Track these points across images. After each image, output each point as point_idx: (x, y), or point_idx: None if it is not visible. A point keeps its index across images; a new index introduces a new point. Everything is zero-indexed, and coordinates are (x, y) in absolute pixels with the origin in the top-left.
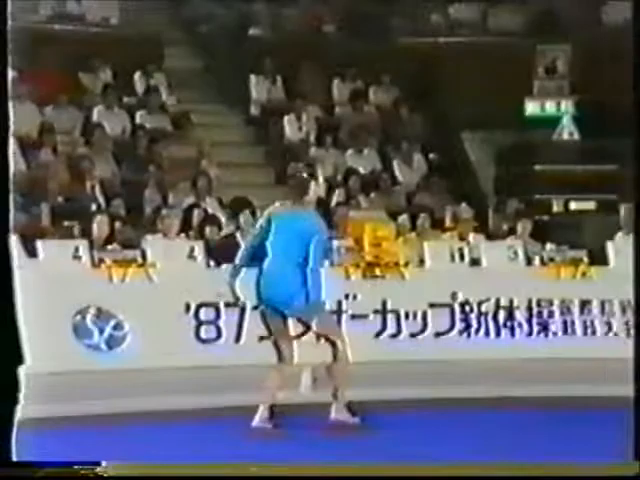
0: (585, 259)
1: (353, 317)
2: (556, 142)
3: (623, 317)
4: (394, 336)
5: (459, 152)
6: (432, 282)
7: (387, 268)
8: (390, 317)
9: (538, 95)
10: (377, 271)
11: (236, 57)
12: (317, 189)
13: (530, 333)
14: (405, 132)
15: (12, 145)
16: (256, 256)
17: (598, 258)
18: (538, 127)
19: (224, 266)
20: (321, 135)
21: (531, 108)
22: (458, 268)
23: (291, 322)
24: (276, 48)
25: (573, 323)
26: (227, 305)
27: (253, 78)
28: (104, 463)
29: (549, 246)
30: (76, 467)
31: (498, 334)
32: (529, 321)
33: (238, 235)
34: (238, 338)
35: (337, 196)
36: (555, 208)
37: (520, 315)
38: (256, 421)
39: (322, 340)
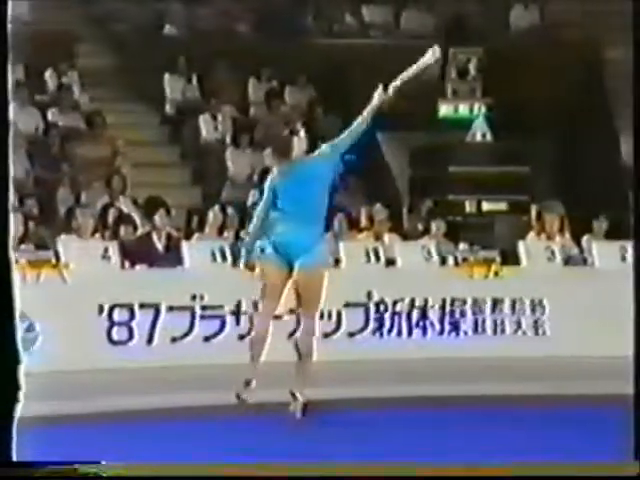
0: (497, 259)
1: None
2: (469, 144)
3: (533, 316)
4: None
5: (375, 152)
6: (347, 282)
7: None
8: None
9: (451, 97)
10: None
11: (151, 55)
12: (301, 144)
13: (442, 332)
14: (321, 132)
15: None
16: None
17: (510, 258)
18: (451, 129)
19: (138, 267)
20: (237, 135)
21: (444, 110)
22: (373, 268)
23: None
24: (191, 47)
25: (484, 322)
26: (141, 306)
27: (168, 77)
28: (103, 462)
29: (462, 246)
30: (76, 466)
31: (410, 333)
32: (441, 320)
33: (154, 235)
34: (150, 340)
35: (253, 196)
36: (468, 209)
37: (433, 314)
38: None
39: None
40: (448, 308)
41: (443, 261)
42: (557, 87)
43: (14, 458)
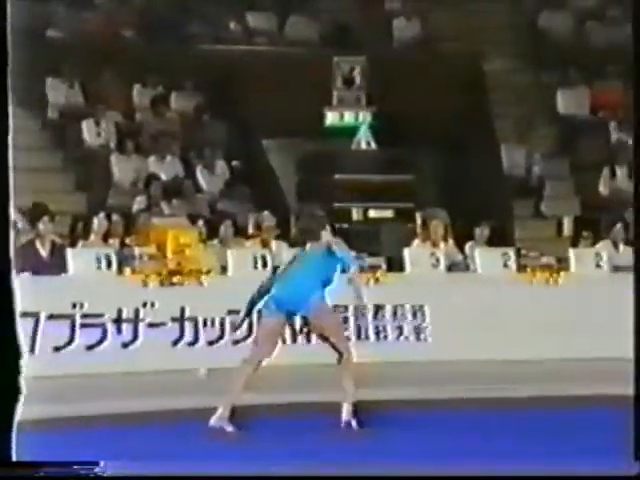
0: (383, 266)
1: (150, 325)
2: (355, 151)
3: (414, 321)
4: (191, 344)
5: (261, 159)
6: (234, 289)
7: (190, 276)
8: (188, 325)
9: (337, 105)
10: (176, 279)
11: (33, 59)
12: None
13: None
14: (207, 138)
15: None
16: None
17: (395, 265)
18: (337, 136)
19: (22, 275)
20: (122, 141)
21: (330, 118)
22: (261, 275)
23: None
24: (74, 51)
25: (367, 328)
26: (23, 315)
27: (50, 81)
28: (102, 463)
29: None
30: (75, 467)
31: (294, 340)
32: None
33: (37, 242)
34: (32, 349)
35: (139, 203)
36: (355, 216)
37: None
38: (214, 421)
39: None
40: None
41: None
42: (439, 97)
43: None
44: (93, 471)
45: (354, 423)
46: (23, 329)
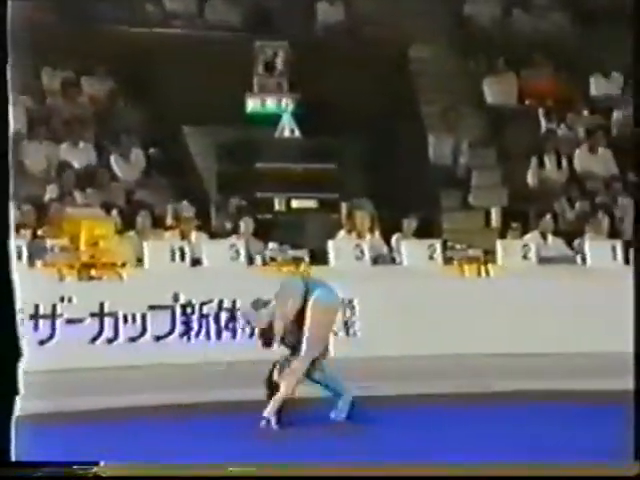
0: (306, 258)
1: (68, 321)
2: (277, 140)
3: (343, 316)
4: (111, 341)
5: (180, 147)
6: (152, 283)
7: (104, 269)
8: (107, 320)
9: (258, 91)
10: (93, 272)
11: None
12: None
13: (252, 334)
14: (123, 125)
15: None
16: None
17: (319, 257)
18: (259, 124)
19: None
20: (32, 126)
21: (252, 104)
22: (179, 268)
23: None
24: None
25: None
26: None
27: None
28: (102, 463)
29: (272, 245)
30: (75, 467)
31: (219, 336)
32: None
33: None
34: None
35: (51, 192)
36: (277, 206)
37: None
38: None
39: None
40: None
41: (251, 261)
42: (365, 84)
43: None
44: (92, 471)
45: (273, 422)
46: None
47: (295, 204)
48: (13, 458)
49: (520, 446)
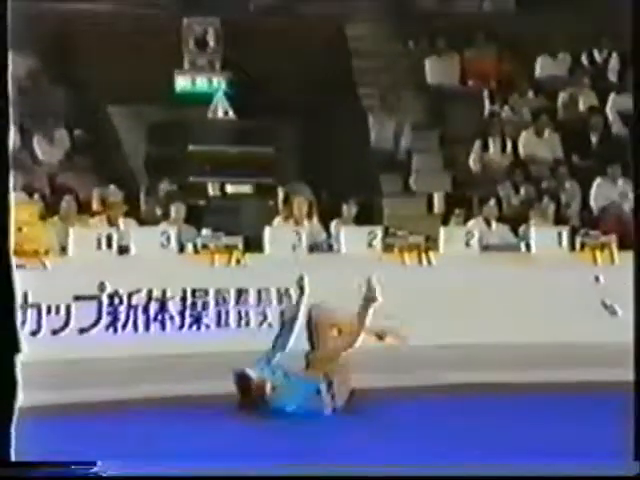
0: (240, 246)
1: None
2: (210, 121)
3: (280, 306)
4: (34, 333)
5: (107, 128)
6: (77, 272)
7: (27, 256)
8: (30, 312)
9: (189, 70)
10: (17, 260)
11: None
12: None
13: (182, 326)
14: (46, 105)
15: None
16: None
17: (255, 244)
18: (190, 104)
19: None
20: None
21: (181, 83)
22: (105, 256)
23: None
24: None
25: (228, 314)
26: None
27: None
28: (99, 463)
29: (204, 232)
30: (74, 467)
31: (147, 328)
32: (181, 313)
33: None
34: None
35: None
36: (211, 191)
37: (173, 307)
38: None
39: None
40: (189, 300)
41: (182, 248)
42: (301, 63)
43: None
44: (92, 471)
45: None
46: None
47: (229, 189)
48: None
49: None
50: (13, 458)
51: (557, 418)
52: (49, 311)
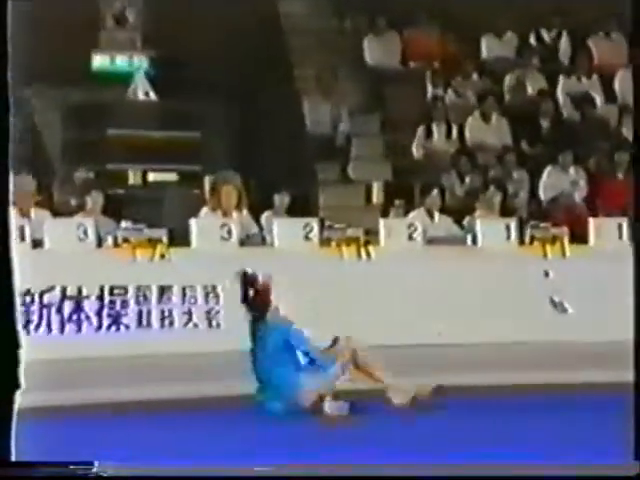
0: (164, 239)
1: None
2: (130, 103)
3: (206, 305)
4: None
5: (18, 110)
6: None
7: None
8: None
9: (106, 47)
10: None
11: None
12: None
13: (99, 327)
14: None
15: None
16: None
17: (180, 237)
18: (109, 84)
19: None
20: None
21: (99, 62)
22: (18, 250)
23: None
24: None
25: (150, 313)
26: None
27: None
28: (97, 463)
29: (124, 224)
30: (73, 467)
31: (62, 329)
32: (99, 313)
33: None
34: None
35: None
36: (132, 180)
37: (89, 306)
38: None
39: None
40: (107, 298)
41: (100, 242)
42: (230, 42)
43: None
44: (92, 471)
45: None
46: None
47: (152, 177)
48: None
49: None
50: (13, 458)
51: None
52: None
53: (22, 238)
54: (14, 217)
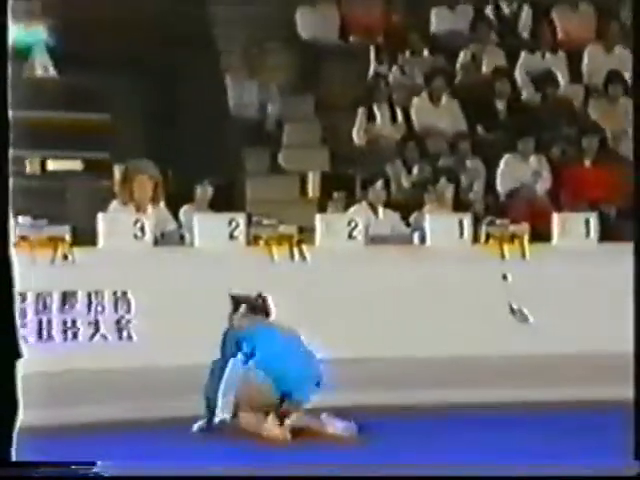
0: (67, 237)
1: None
2: (27, 80)
3: (115, 313)
4: None
5: None
6: None
7: None
8: None
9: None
10: None
11: None
12: None
13: None
14: None
15: None
16: None
17: (85, 235)
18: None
19: None
20: None
21: None
22: None
23: None
24: None
25: (50, 323)
26: None
27: None
28: (99, 463)
29: (21, 219)
30: (74, 467)
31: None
32: None
33: None
34: None
35: None
36: (28, 168)
37: None
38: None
39: None
40: None
41: None
42: (144, 11)
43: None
44: (93, 471)
45: None
46: None
47: (52, 165)
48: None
49: None
50: (14, 458)
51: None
52: None
53: None
54: None
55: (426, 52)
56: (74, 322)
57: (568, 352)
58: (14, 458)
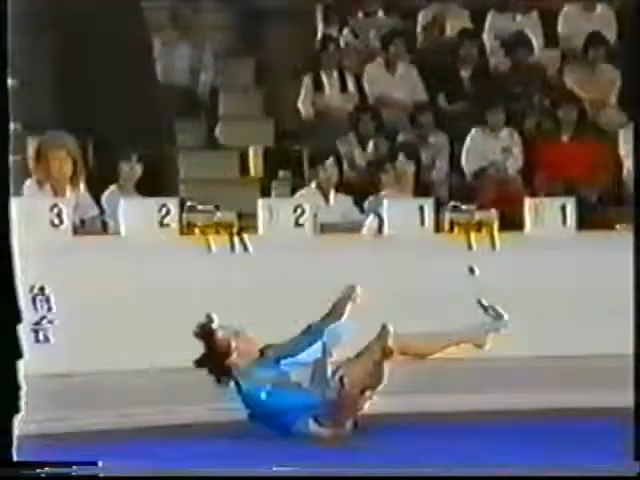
0: None
1: None
2: None
3: (35, 312)
4: None
5: None
6: None
7: None
8: None
9: None
10: None
11: None
12: None
13: None
14: None
15: None
16: None
17: None
18: None
19: None
20: None
21: None
22: None
23: None
24: None
25: None
26: None
27: None
28: (100, 463)
29: None
30: (76, 467)
31: None
32: None
33: None
34: None
35: None
36: None
37: None
38: None
39: None
40: None
41: None
42: None
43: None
44: (94, 471)
45: None
46: None
47: None
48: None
49: None
50: (15, 458)
51: None
52: None
53: None
54: None
55: (381, 12)
56: None
57: (545, 354)
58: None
